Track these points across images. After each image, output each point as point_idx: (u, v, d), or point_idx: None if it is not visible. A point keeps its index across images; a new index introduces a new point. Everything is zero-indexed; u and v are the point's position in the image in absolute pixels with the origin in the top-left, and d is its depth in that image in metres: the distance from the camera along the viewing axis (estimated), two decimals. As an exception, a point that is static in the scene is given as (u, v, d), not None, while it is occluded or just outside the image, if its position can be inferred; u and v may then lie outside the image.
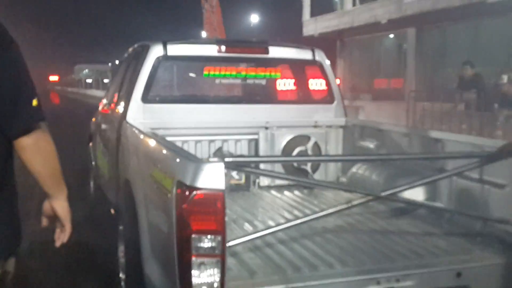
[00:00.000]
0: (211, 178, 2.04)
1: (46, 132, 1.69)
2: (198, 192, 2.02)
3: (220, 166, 2.06)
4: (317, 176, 4.39)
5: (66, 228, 1.84)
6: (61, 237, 1.86)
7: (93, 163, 5.68)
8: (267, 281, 2.29)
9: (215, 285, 2.08)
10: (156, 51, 4.09)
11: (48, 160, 1.71)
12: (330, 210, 2.73)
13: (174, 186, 2.14)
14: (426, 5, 14.82)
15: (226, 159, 2.20)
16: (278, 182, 4.16)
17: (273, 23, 46.16)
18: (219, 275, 2.07)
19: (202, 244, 2.04)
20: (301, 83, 4.72)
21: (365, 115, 13.75)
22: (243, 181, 4.10)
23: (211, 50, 4.23)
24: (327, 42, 21.93)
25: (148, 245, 2.61)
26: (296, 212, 3.49)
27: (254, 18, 47.06)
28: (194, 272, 2.06)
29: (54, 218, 1.83)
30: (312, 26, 21.67)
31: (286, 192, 4.08)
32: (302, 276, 2.36)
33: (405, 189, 2.81)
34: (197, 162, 2.13)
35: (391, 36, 19.74)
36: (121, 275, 3.16)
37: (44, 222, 1.87)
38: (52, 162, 1.73)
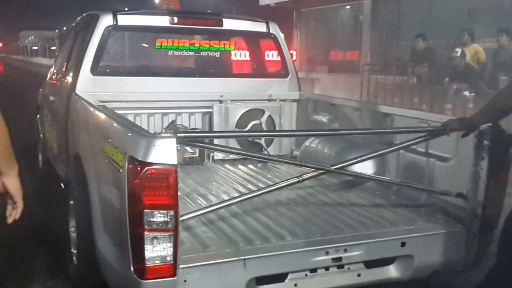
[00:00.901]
0: (163, 153, 2.03)
1: None
2: (150, 167, 2.01)
3: (172, 142, 2.05)
4: (271, 149, 4.44)
5: (18, 205, 1.83)
6: (13, 213, 1.85)
7: (41, 135, 5.51)
8: (220, 254, 2.32)
9: (168, 258, 2.09)
10: (105, 21, 3.97)
11: None
12: (281, 184, 2.77)
13: (126, 161, 2.12)
14: None
15: (179, 134, 2.19)
16: (232, 156, 4.18)
17: None
18: (171, 249, 2.09)
19: (154, 219, 2.04)
20: (256, 56, 4.71)
21: (321, 87, 13.85)
22: (197, 154, 4.10)
23: (163, 21, 4.14)
24: (283, 12, 21.99)
25: (100, 220, 2.58)
26: (249, 186, 3.53)
27: None
28: (147, 247, 2.07)
29: (5, 195, 1.82)
30: None
31: (240, 166, 4.11)
32: (254, 248, 2.41)
33: (354, 163, 2.89)
34: (149, 137, 2.11)
35: (347, 7, 19.62)
36: (73, 249, 3.12)
37: None
38: (2, 139, 1.70)
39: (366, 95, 9.43)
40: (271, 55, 4.65)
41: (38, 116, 5.73)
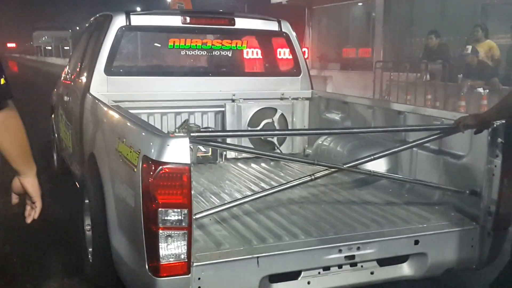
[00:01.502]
0: (177, 152, 2.05)
1: (14, 110, 1.68)
2: (164, 166, 2.04)
3: (186, 141, 2.07)
4: (284, 147, 4.45)
5: (37, 205, 1.84)
6: (32, 213, 1.85)
7: (56, 135, 5.58)
8: (233, 252, 2.34)
9: (182, 256, 2.12)
10: (119, 22, 4.01)
11: (17, 138, 1.71)
12: (294, 183, 2.79)
13: (140, 160, 2.14)
14: None
15: (192, 134, 2.21)
16: (245, 154, 4.20)
17: None
18: (185, 246, 2.12)
19: (168, 217, 2.07)
20: (268, 55, 4.72)
21: (333, 85, 13.68)
22: (210, 153, 4.12)
23: (176, 21, 4.17)
24: (295, 10, 22.02)
25: (115, 218, 2.61)
26: (262, 184, 3.55)
27: None
28: (161, 245, 2.09)
29: (24, 195, 1.83)
30: None
31: (253, 164, 4.12)
32: (267, 246, 2.43)
33: (366, 161, 2.89)
34: (162, 136, 2.14)
35: (360, 4, 19.50)
36: (89, 248, 3.16)
37: (14, 199, 1.87)
38: (21, 140, 1.73)
39: (379, 93, 9.31)
40: (283, 54, 4.65)
41: (52, 116, 5.80)
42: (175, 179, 2.05)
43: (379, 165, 3.38)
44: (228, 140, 3.95)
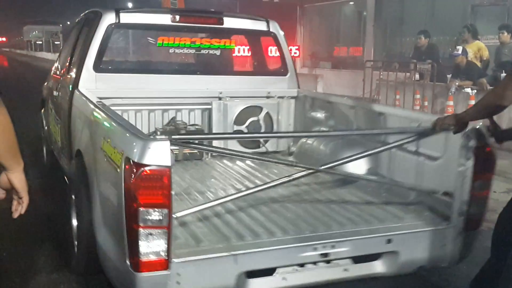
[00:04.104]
0: (158, 155, 2.14)
1: (2, 106, 1.70)
2: (145, 168, 2.13)
3: (166, 144, 2.17)
4: (269, 145, 4.55)
5: (24, 200, 1.87)
6: (19, 208, 1.88)
7: (46, 128, 5.65)
8: (212, 249, 2.45)
9: (162, 253, 2.22)
10: (108, 19, 4.07)
11: (5, 134, 1.72)
12: (273, 183, 2.90)
13: (123, 162, 2.23)
14: None
15: (173, 136, 2.30)
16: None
17: None
18: (165, 244, 2.21)
19: (149, 217, 2.16)
20: (255, 54, 4.81)
21: (324, 83, 13.89)
22: (196, 150, 4.21)
23: (165, 19, 4.24)
24: (287, 8, 22.05)
25: (100, 214, 2.70)
26: (246, 182, 3.65)
27: None
28: (142, 242, 2.19)
29: (11, 191, 1.86)
30: None
31: (238, 162, 4.22)
32: (245, 244, 2.53)
33: (343, 163, 3.00)
34: (144, 139, 2.23)
35: (351, 3, 19.74)
36: (75, 241, 3.26)
37: (1, 194, 1.89)
38: (8, 135, 1.74)
39: (368, 92, 9.45)
40: (271, 53, 4.74)
41: (42, 110, 5.86)
42: (156, 180, 2.15)
43: (360, 165, 3.49)
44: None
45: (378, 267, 2.79)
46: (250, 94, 4.52)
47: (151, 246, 2.20)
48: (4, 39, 73.37)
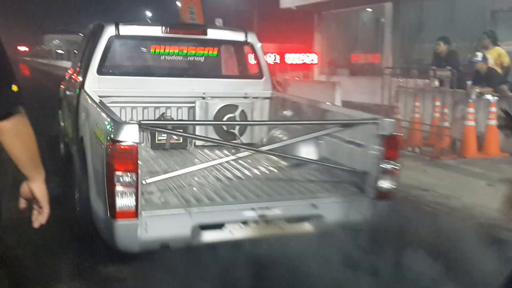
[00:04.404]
0: (129, 134, 2.99)
1: (24, 116, 1.74)
2: (120, 144, 2.97)
3: (135, 127, 3.01)
4: (244, 138, 5.36)
5: (44, 210, 1.88)
6: (39, 218, 1.90)
7: (62, 124, 6.57)
8: (173, 207, 3.28)
9: (132, 206, 3.05)
10: (109, 31, 4.94)
11: (27, 144, 1.75)
12: (218, 161, 3.81)
13: (105, 140, 3.08)
14: None
15: (141, 121, 3.15)
16: (210, 142, 5.12)
17: None
18: (134, 200, 3.05)
19: (122, 179, 3.00)
20: (235, 60, 5.64)
21: (342, 91, 13.14)
22: (181, 141, 5.06)
23: (157, 31, 5.10)
24: (304, 15, 22.39)
25: (92, 182, 3.55)
26: (216, 165, 4.48)
27: None
28: (117, 198, 3.02)
29: (32, 200, 1.88)
30: None
31: (217, 151, 5.04)
32: (200, 204, 3.36)
33: (279, 146, 3.82)
34: (119, 123, 3.07)
35: (369, 10, 19.51)
36: (77, 208, 4.12)
37: (22, 204, 1.91)
38: (30, 146, 1.76)
39: (387, 99, 9.18)
40: (249, 60, 5.56)
41: (60, 110, 6.79)
42: (127, 152, 2.99)
43: (311, 151, 4.30)
44: (198, 130, 4.95)
45: (307, 227, 3.59)
46: (229, 95, 5.34)
47: (124, 201, 3.04)
48: (26, 48, 74.10)
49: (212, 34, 5.29)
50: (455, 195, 5.48)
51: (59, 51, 50.33)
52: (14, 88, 1.67)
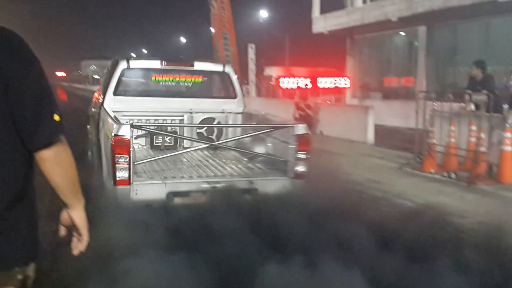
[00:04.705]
0: (124, 131, 4.82)
1: (66, 145, 1.76)
2: (118, 137, 4.80)
3: (128, 126, 4.85)
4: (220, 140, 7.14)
5: (84, 237, 1.89)
6: (79, 245, 1.90)
7: (89, 136, 8.49)
8: (155, 179, 5.09)
9: (126, 176, 4.85)
10: (122, 65, 6.84)
11: (67, 172, 1.77)
12: (185, 151, 5.60)
13: (111, 135, 4.93)
14: (437, 3, 14.84)
15: (132, 124, 5.00)
16: (196, 144, 6.89)
17: (282, 19, 46.10)
18: (127, 173, 4.85)
19: (120, 159, 4.82)
20: (215, 85, 7.48)
21: (375, 114, 13.20)
22: (172, 143, 6.88)
23: (157, 64, 6.99)
24: (336, 40, 22.72)
25: (105, 167, 5.39)
26: (188, 157, 6.28)
27: (263, 14, 46.92)
28: (117, 171, 4.84)
29: (72, 227, 1.89)
30: (321, 23, 21.51)
31: (199, 152, 6.84)
32: (173, 178, 5.16)
33: (230, 141, 5.61)
34: (119, 124, 4.91)
35: (402, 33, 19.41)
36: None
37: (62, 231, 1.92)
38: (71, 174, 1.78)
39: (422, 122, 8.98)
40: (226, 85, 7.39)
41: (88, 125, 8.72)
42: (123, 142, 4.81)
43: (261, 147, 6.08)
44: (186, 133, 6.79)
45: (248, 196, 5.32)
46: (210, 110, 7.16)
47: (121, 174, 4.84)
48: (63, 74, 74.60)
49: (198, 66, 7.15)
50: (494, 222, 5.02)
51: (96, 77, 50.68)
52: (56, 117, 1.73)
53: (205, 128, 7.03)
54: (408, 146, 10.72)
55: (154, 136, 6.62)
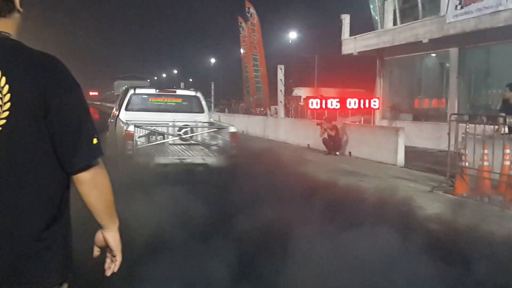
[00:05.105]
0: (130, 128, 8.85)
1: (103, 168, 1.83)
2: (127, 131, 8.83)
3: (133, 126, 8.89)
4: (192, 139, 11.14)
5: (117, 258, 1.92)
6: (112, 266, 1.93)
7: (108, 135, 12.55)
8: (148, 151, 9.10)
9: (131, 148, 8.84)
10: (131, 91, 10.93)
11: (104, 194, 1.82)
12: (167, 140, 9.61)
13: (123, 131, 8.95)
14: (469, 25, 14.48)
15: (135, 123, 9.04)
16: (175, 140, 10.83)
17: (311, 40, 46.42)
18: (132, 149, 8.85)
19: (129, 142, 8.83)
20: (190, 105, 11.56)
21: (405, 136, 12.99)
22: (163, 141, 10.87)
23: (153, 91, 11.09)
24: (366, 61, 22.70)
25: (119, 148, 9.39)
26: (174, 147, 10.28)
27: (293, 35, 47.83)
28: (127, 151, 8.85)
29: (105, 248, 1.92)
30: (351, 45, 21.42)
31: (178, 145, 10.82)
32: (158, 156, 9.16)
33: (194, 135, 9.65)
34: (128, 124, 8.95)
35: (433, 55, 18.82)
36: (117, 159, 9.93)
37: (96, 252, 1.95)
38: (107, 196, 1.83)
39: (454, 145, 8.80)
40: (197, 104, 11.43)
41: (107, 131, 12.78)
42: (129, 134, 8.82)
43: (213, 141, 10.11)
44: (171, 137, 10.82)
45: (201, 167, 9.27)
46: (186, 121, 11.18)
47: (129, 147, 8.85)
48: (96, 93, 75.58)
49: (179, 92, 11.27)
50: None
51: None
52: (95, 141, 1.79)
53: (183, 130, 11.11)
54: (439, 169, 10.68)
55: (150, 136, 10.66)
